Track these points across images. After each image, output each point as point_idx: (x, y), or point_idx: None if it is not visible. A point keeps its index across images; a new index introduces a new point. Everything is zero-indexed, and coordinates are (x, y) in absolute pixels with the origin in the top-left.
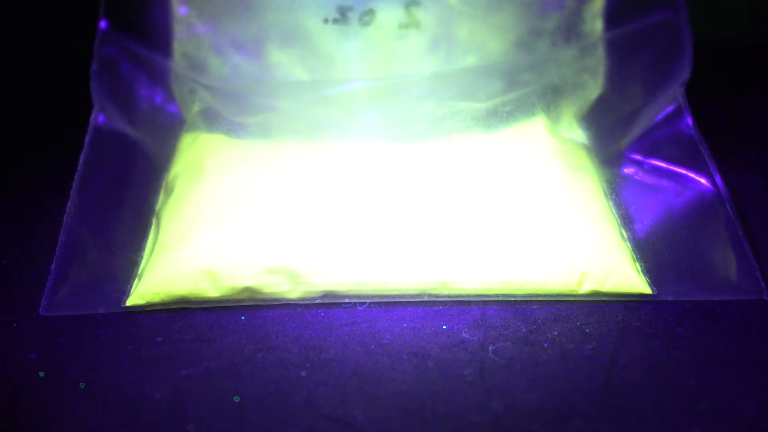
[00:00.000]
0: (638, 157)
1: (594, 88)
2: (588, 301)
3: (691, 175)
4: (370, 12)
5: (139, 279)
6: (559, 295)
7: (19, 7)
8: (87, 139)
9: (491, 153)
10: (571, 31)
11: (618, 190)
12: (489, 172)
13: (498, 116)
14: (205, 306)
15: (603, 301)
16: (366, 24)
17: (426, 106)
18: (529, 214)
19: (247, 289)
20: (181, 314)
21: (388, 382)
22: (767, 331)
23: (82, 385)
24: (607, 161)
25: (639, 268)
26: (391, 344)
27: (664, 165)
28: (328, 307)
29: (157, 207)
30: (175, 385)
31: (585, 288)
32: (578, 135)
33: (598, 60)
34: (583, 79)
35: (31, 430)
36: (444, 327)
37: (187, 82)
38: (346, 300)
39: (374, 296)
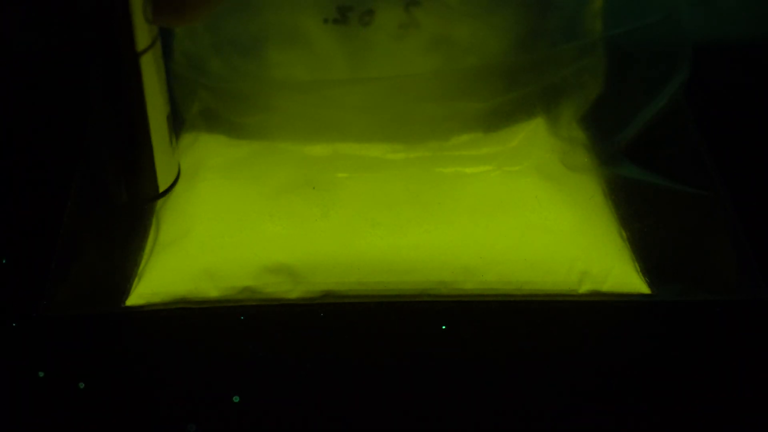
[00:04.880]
0: (638, 157)
1: (594, 88)
2: (587, 301)
3: (691, 175)
4: (370, 12)
5: (139, 279)
6: (558, 294)
7: (18, 7)
8: (85, 139)
9: (491, 153)
10: (571, 31)
11: (617, 190)
12: (488, 173)
13: (498, 116)
14: (204, 306)
15: (602, 300)
16: (366, 24)
17: (426, 107)
18: (528, 214)
19: (246, 289)
20: (181, 314)
21: (388, 382)
22: (767, 331)
23: (81, 385)
24: (607, 161)
25: (638, 268)
26: (391, 344)
27: (663, 165)
28: (328, 307)
29: (157, 207)
30: (174, 384)
31: (584, 288)
32: (578, 135)
33: (598, 60)
34: (583, 79)
35: (31, 430)
36: (444, 327)
37: (187, 82)
38: (345, 300)
39: (374, 296)
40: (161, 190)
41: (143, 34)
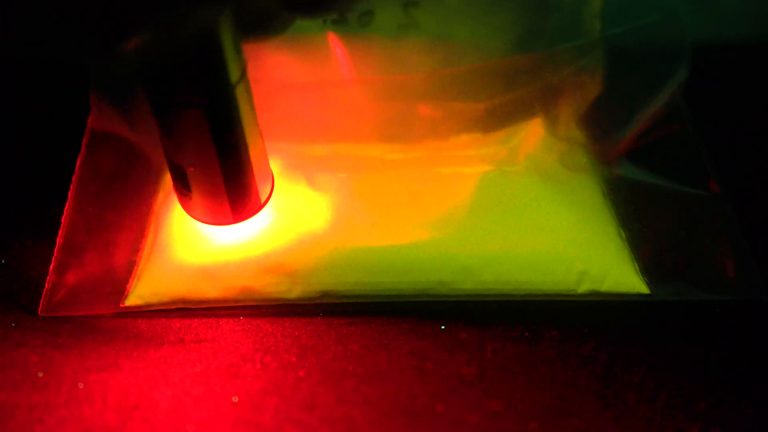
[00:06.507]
0: (637, 157)
1: (593, 88)
2: (586, 301)
3: (690, 175)
4: (369, 13)
5: (138, 279)
6: (557, 294)
7: (17, 6)
8: (85, 139)
9: (490, 153)
10: (570, 31)
11: (616, 190)
12: (487, 173)
13: (497, 117)
14: (203, 306)
15: (601, 300)
16: (365, 24)
17: (425, 107)
18: (527, 214)
19: (245, 289)
20: (180, 314)
21: (387, 382)
22: (767, 331)
23: (80, 386)
24: (605, 161)
25: (637, 268)
26: (391, 344)
27: (663, 165)
28: (327, 307)
29: (156, 207)
30: (174, 385)
31: (583, 288)
32: (577, 135)
33: (597, 60)
34: (582, 79)
35: (30, 430)
36: (443, 327)
37: None
38: (345, 300)
39: (373, 296)
40: (261, 201)
41: (234, 64)
